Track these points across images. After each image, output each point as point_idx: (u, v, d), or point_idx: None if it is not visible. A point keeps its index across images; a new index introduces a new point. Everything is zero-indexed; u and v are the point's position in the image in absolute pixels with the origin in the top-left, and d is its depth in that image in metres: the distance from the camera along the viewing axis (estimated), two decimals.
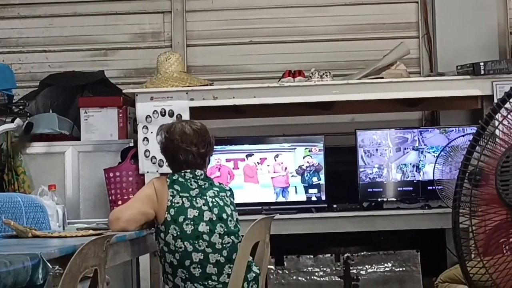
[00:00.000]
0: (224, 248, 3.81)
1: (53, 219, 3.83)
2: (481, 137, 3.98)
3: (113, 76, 6.33)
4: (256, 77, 6.23)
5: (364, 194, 5.68)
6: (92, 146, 5.73)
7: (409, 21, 6.40)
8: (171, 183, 3.85)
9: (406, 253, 5.80)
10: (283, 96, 5.42)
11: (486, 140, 3.99)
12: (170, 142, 3.92)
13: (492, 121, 4.11)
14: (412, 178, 5.67)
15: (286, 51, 6.38)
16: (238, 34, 6.42)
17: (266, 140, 5.82)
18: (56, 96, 6.12)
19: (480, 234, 3.87)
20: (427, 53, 6.32)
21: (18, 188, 5.60)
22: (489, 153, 3.99)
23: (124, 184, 5.41)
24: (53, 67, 6.45)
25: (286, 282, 5.75)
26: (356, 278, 5.77)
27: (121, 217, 3.74)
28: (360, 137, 5.69)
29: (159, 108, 5.38)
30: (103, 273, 2.85)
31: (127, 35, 6.50)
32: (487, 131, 4.05)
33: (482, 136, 3.99)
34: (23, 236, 3.32)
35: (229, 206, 3.92)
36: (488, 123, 4.04)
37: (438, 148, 5.56)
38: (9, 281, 2.24)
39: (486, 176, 3.98)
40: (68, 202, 5.50)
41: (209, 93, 5.42)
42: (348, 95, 5.42)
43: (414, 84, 5.46)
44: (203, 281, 3.78)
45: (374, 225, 5.47)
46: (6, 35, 6.52)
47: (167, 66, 5.50)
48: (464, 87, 5.40)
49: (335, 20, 6.39)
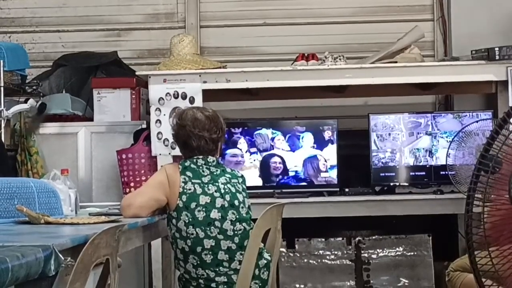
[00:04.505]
0: (236, 235, 3.81)
1: (65, 203, 3.83)
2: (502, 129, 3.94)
3: (127, 57, 6.33)
4: (269, 59, 6.22)
5: (377, 178, 5.67)
6: (105, 127, 5.74)
7: (424, 3, 6.36)
8: (183, 170, 3.85)
9: (418, 237, 5.81)
10: (297, 80, 5.40)
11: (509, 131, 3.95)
12: (182, 128, 3.91)
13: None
14: (425, 163, 5.66)
15: (299, 33, 6.35)
16: (252, 15, 6.39)
17: (278, 123, 5.81)
18: (69, 77, 6.13)
19: (488, 223, 3.87)
20: (441, 37, 6.28)
21: (31, 168, 5.63)
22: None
23: (136, 166, 5.42)
24: (66, 47, 6.45)
25: (297, 265, 5.77)
26: (367, 261, 5.79)
27: (133, 204, 3.75)
28: (373, 121, 5.67)
29: (172, 91, 5.37)
30: (115, 262, 2.86)
31: (141, 15, 6.48)
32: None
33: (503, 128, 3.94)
34: (35, 222, 3.33)
35: (241, 192, 3.92)
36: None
37: (452, 133, 5.54)
38: (21, 274, 2.25)
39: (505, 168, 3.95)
40: (80, 183, 5.53)
41: (222, 76, 5.41)
42: (361, 79, 5.39)
43: (428, 69, 5.43)
44: (214, 268, 3.79)
45: (386, 209, 5.46)
46: (19, 14, 6.52)
47: (180, 48, 5.48)
48: (478, 72, 5.37)
49: (349, 2, 6.36)
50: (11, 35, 6.51)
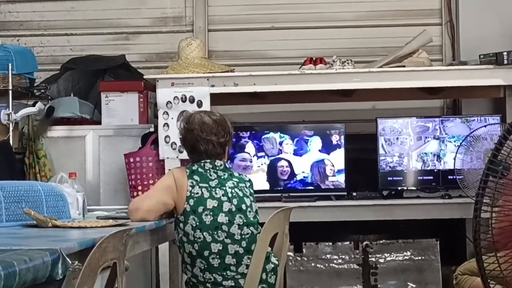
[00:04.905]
0: (243, 239, 3.81)
1: (73, 207, 3.83)
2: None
3: (134, 60, 6.34)
4: (277, 62, 6.22)
5: (384, 182, 5.66)
6: (113, 131, 5.74)
7: (432, 7, 6.35)
8: (190, 174, 3.85)
9: (426, 241, 5.79)
10: (304, 84, 5.40)
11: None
12: (189, 132, 3.91)
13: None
14: (433, 167, 5.65)
15: (307, 37, 6.35)
16: (260, 19, 6.40)
17: (286, 127, 5.81)
18: (77, 80, 6.14)
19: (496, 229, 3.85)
20: (449, 41, 6.27)
21: (39, 171, 5.64)
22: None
23: (144, 170, 5.42)
24: (74, 51, 6.46)
25: (305, 269, 5.76)
26: (375, 266, 5.77)
27: (140, 207, 3.75)
28: (380, 125, 5.66)
29: (180, 94, 5.38)
30: (122, 265, 2.86)
31: (149, 19, 6.49)
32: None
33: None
34: (43, 225, 3.33)
35: (249, 197, 3.92)
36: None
37: (460, 137, 5.53)
38: (29, 277, 2.25)
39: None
40: (88, 186, 5.54)
41: (230, 80, 5.41)
42: (369, 83, 5.39)
43: (436, 73, 5.42)
44: (222, 272, 3.79)
45: (394, 214, 5.45)
46: (28, 18, 6.54)
47: (188, 52, 5.49)
48: (486, 76, 5.35)
49: (357, 6, 6.35)
50: (19, 38, 6.52)
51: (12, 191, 3.46)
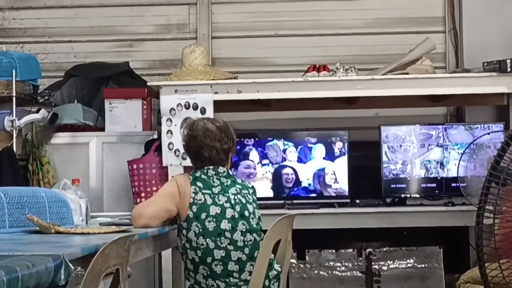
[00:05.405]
0: (246, 246, 3.81)
1: (76, 213, 3.83)
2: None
3: (138, 67, 6.35)
4: (280, 70, 6.22)
5: (388, 190, 5.66)
6: (116, 137, 5.75)
7: (436, 15, 6.35)
8: (193, 180, 3.86)
9: (429, 249, 5.79)
10: (308, 91, 5.40)
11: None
12: (193, 139, 3.92)
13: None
14: (436, 174, 5.64)
15: (311, 44, 6.35)
16: (263, 26, 6.40)
17: (290, 134, 5.81)
18: (81, 87, 6.15)
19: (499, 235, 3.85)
20: (453, 48, 6.27)
21: (42, 178, 5.64)
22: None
23: (147, 177, 5.42)
24: (78, 58, 6.48)
25: (308, 277, 5.76)
26: (378, 273, 5.77)
27: (143, 214, 3.76)
28: (384, 133, 5.67)
29: (183, 101, 5.38)
30: (125, 272, 2.86)
31: (153, 26, 6.51)
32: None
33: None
34: (46, 231, 3.34)
35: (251, 203, 3.92)
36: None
37: (463, 145, 5.52)
38: (31, 283, 2.25)
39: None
40: (91, 193, 5.54)
41: (233, 87, 5.41)
42: (372, 90, 5.39)
43: (439, 81, 5.42)
44: (225, 278, 3.79)
45: (397, 221, 5.44)
46: (32, 25, 6.56)
47: (192, 59, 5.49)
48: (490, 84, 5.35)
49: (361, 14, 6.36)
50: (23, 45, 6.54)
51: (15, 197, 3.47)
